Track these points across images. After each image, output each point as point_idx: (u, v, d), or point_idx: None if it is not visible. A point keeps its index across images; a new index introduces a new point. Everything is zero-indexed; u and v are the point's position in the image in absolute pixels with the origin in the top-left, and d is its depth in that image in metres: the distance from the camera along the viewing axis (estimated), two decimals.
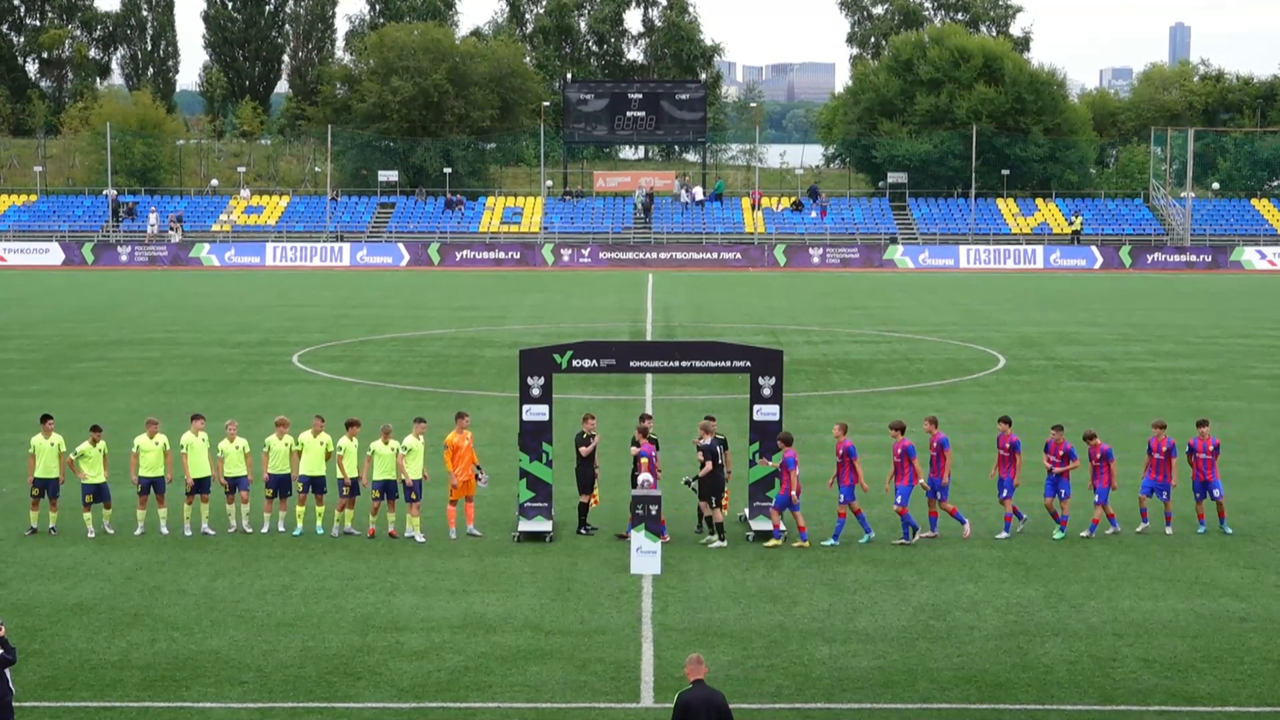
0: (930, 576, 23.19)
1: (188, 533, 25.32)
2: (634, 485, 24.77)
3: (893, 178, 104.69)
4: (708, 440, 25.51)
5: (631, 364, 26.65)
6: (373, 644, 19.91)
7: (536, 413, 25.76)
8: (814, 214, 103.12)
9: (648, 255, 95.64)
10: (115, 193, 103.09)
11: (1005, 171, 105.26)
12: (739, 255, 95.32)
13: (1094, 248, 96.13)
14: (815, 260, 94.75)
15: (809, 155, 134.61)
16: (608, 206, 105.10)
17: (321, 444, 25.81)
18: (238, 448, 25.78)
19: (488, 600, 21.86)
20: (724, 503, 25.44)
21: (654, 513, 23.30)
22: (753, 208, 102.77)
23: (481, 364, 48.30)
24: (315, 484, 25.68)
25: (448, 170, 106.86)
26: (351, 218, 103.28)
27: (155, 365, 47.25)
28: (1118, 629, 20.73)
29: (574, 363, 25.79)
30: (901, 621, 20.96)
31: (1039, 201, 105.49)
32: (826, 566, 23.76)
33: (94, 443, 25.61)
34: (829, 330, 58.25)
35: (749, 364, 25.93)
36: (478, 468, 25.72)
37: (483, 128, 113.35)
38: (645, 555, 23.15)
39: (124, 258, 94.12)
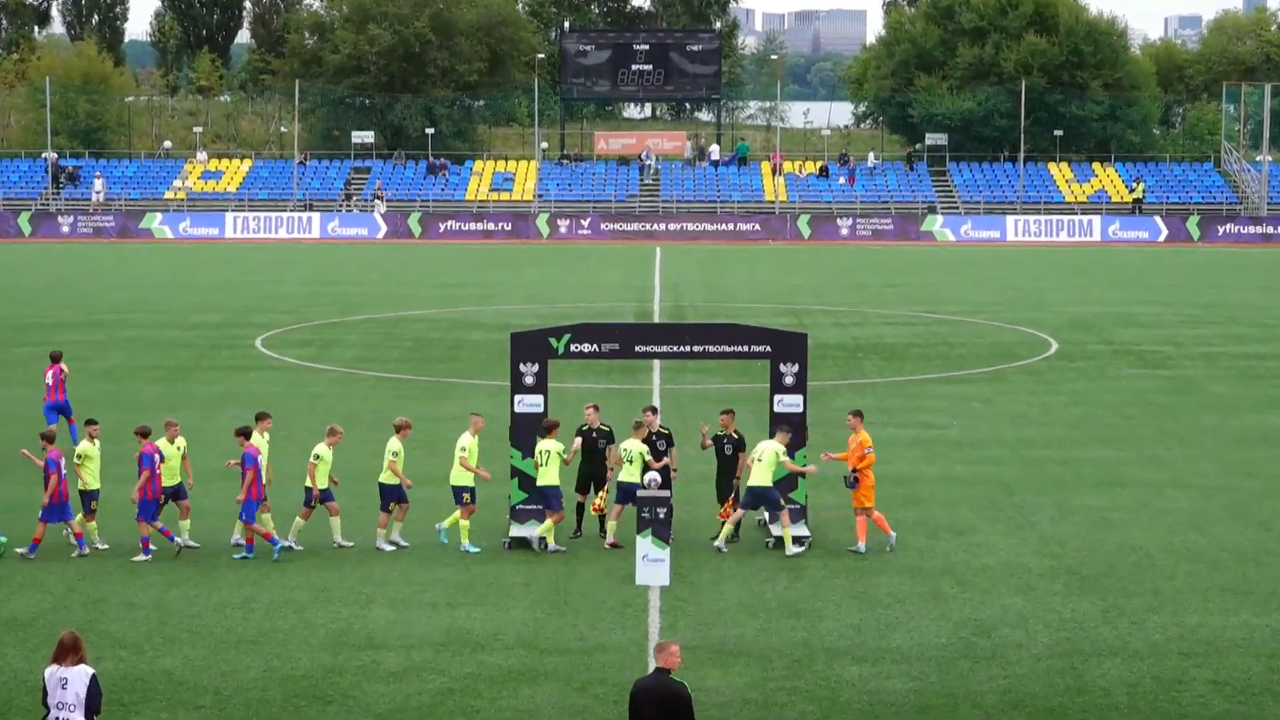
0: (973, 589, 23.17)
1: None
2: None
3: (931, 139, 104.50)
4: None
5: (637, 349, 26.62)
6: (345, 664, 19.91)
7: (530, 404, 25.72)
8: (842, 180, 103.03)
9: (655, 226, 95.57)
10: (55, 156, 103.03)
11: (1058, 132, 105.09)
12: (757, 226, 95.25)
13: (1158, 218, 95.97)
14: (844, 232, 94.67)
15: (837, 114, 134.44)
16: (610, 172, 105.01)
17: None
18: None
19: (474, 614, 21.85)
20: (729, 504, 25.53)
21: (661, 516, 23.26)
22: (773, 173, 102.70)
23: (468, 348, 48.28)
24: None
25: (430, 130, 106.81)
26: (322, 184, 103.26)
27: (102, 350, 47.26)
28: (1184, 648, 20.71)
29: (572, 347, 25.75)
30: (940, 639, 20.94)
31: (1096, 166, 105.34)
32: (856, 577, 23.74)
33: (93, 439, 25.33)
34: (859, 311, 58.20)
35: (769, 349, 25.88)
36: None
37: (470, 83, 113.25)
38: (652, 564, 23.12)
39: (65, 229, 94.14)
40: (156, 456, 24.58)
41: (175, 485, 25.23)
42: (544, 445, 25.23)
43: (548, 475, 25.10)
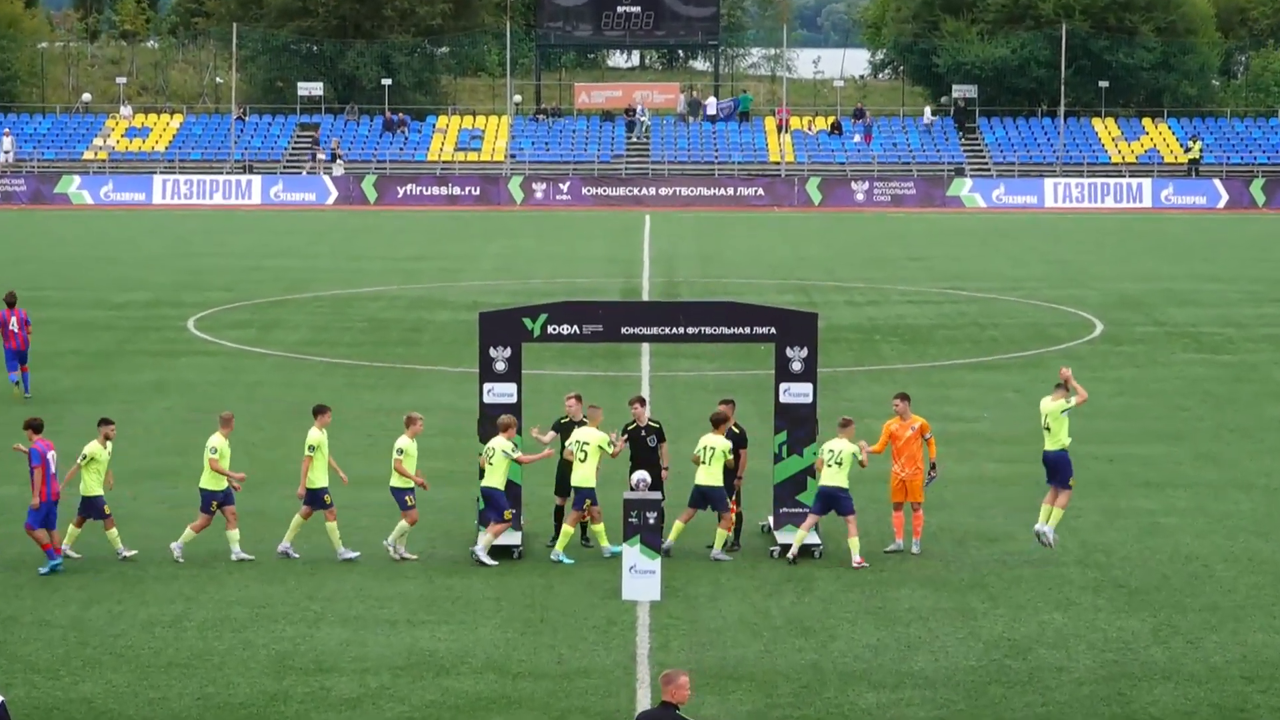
0: (1006, 604, 23.19)
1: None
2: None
3: (958, 92, 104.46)
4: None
5: (624, 330, 26.58)
6: (290, 690, 19.89)
7: (501, 393, 25.68)
8: (857, 138, 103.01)
9: (644, 191, 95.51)
10: None
11: (1103, 84, 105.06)
12: (761, 191, 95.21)
13: (1217, 181, 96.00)
14: (859, 198, 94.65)
15: (851, 63, 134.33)
16: (593, 129, 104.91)
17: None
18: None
19: (438, 634, 21.84)
20: (732, 508, 25.50)
21: (651, 521, 23.25)
22: (779, 130, 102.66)
23: (431, 330, 48.28)
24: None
25: (387, 82, 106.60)
26: (263, 142, 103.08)
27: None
28: (1247, 670, 20.74)
29: (549, 329, 25.72)
30: (970, 661, 20.96)
31: (1147, 122, 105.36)
32: (873, 591, 23.75)
33: (105, 441, 25.18)
34: (876, 287, 58.22)
35: (774, 331, 25.86)
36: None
37: (432, 27, 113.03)
38: (640, 576, 23.10)
39: None
40: None
41: (225, 490, 25.06)
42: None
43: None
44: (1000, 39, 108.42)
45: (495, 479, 25.05)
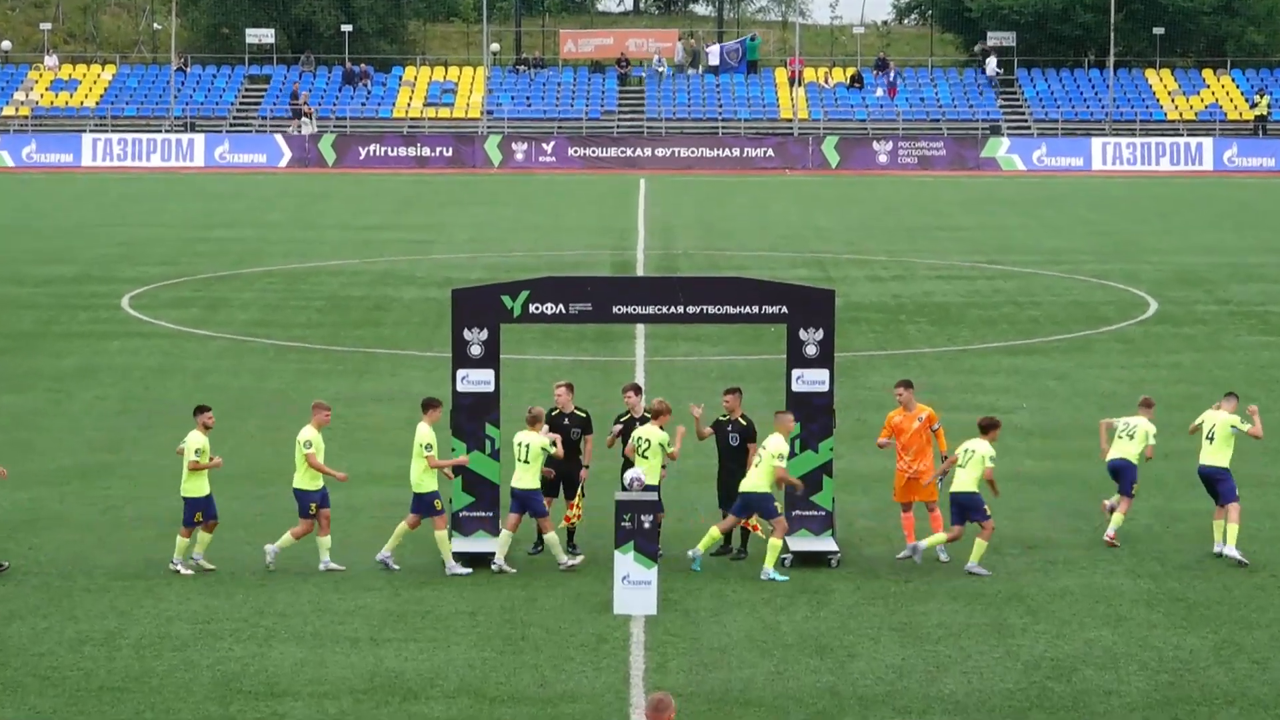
0: (1048, 619, 23.20)
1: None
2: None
3: (994, 39, 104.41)
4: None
5: (615, 310, 26.56)
6: (239, 716, 19.88)
7: (477, 381, 25.66)
8: (880, 92, 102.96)
9: (638, 152, 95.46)
10: None
11: (1158, 30, 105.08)
12: (771, 152, 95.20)
13: None
14: (882, 159, 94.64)
15: (873, 7, 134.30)
16: (580, 82, 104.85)
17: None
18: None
19: (405, 653, 21.84)
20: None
21: (647, 525, 23.23)
22: (791, 83, 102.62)
23: (397, 309, 48.28)
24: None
25: (347, 28, 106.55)
26: (207, 97, 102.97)
27: None
28: None
29: (532, 308, 25.70)
30: (1007, 684, 20.97)
31: (1207, 74, 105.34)
32: (898, 604, 23.75)
33: (206, 429, 25.10)
34: (902, 261, 58.22)
35: (785, 310, 25.86)
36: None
37: None
38: (635, 588, 23.08)
39: None
40: None
41: (321, 489, 25.00)
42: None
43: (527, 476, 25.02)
44: None
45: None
